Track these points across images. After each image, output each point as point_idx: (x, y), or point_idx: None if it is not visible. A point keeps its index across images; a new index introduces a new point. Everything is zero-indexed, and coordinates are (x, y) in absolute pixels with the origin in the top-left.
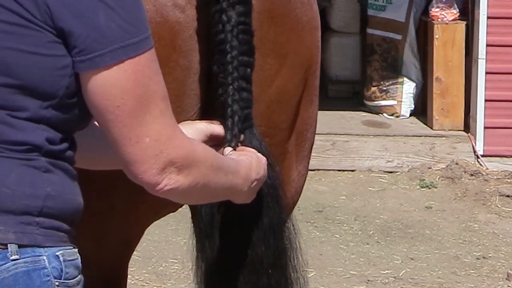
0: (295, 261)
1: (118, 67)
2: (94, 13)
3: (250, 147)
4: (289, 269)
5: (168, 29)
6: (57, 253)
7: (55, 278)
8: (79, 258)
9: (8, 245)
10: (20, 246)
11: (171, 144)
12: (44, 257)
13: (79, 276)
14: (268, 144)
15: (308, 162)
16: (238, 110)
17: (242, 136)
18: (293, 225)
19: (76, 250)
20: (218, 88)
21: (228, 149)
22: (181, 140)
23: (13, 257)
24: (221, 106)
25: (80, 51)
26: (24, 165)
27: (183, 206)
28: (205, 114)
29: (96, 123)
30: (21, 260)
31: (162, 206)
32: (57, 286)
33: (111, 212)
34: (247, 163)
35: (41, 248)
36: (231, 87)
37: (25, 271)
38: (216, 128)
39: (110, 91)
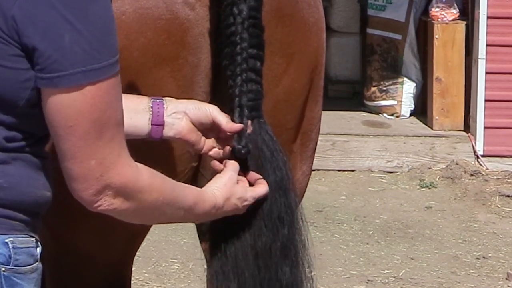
0: (306, 256)
1: (76, 90)
2: (60, 34)
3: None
4: (300, 263)
5: (177, 26)
6: (6, 240)
7: (1, 264)
8: (38, 247)
9: None
10: None
11: (113, 170)
12: None
13: (35, 264)
14: None
15: (312, 162)
16: (245, 102)
17: (250, 123)
18: (302, 220)
19: (32, 239)
20: (228, 80)
21: (214, 163)
22: (124, 167)
23: None
24: (230, 98)
25: (42, 69)
26: None
27: None
28: (222, 108)
29: None
30: None
31: None
32: (4, 271)
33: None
34: (217, 196)
35: None
36: (239, 78)
37: None
38: (221, 118)
39: (65, 111)
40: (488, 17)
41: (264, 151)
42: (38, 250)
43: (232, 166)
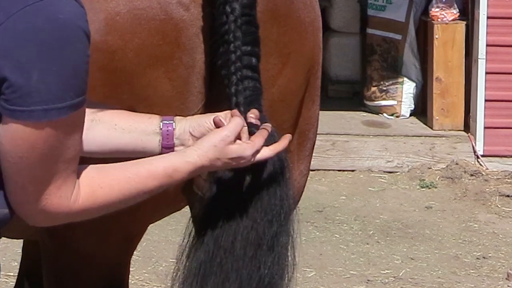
0: (294, 257)
1: (34, 126)
2: (29, 71)
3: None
4: (286, 263)
5: (172, 26)
6: None
7: None
8: None
9: None
10: None
11: (49, 200)
12: None
13: None
14: None
15: (310, 162)
16: (242, 100)
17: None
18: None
19: None
20: (224, 80)
21: (216, 119)
22: (60, 199)
23: None
24: (227, 98)
25: (6, 100)
26: None
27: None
28: (208, 112)
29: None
30: None
31: (166, 205)
32: None
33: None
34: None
35: None
36: (234, 76)
37: None
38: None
39: (19, 143)
40: (488, 17)
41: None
42: None
43: (232, 126)
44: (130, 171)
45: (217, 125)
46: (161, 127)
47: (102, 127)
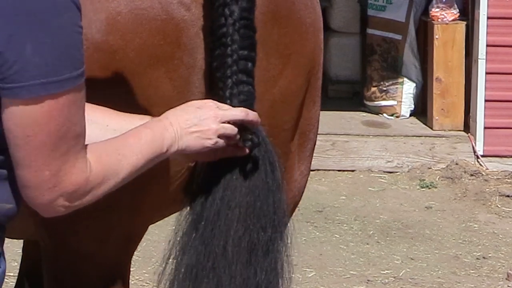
0: (289, 260)
1: (35, 102)
2: (22, 45)
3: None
4: (279, 268)
5: (173, 26)
6: None
7: None
8: None
9: None
10: None
11: (66, 180)
12: None
13: None
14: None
15: (310, 162)
16: (236, 104)
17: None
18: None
19: None
20: (218, 82)
21: None
22: (76, 176)
23: None
24: (221, 100)
25: (3, 79)
26: None
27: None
28: None
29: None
30: None
31: (166, 205)
32: None
33: (115, 209)
34: (163, 121)
35: None
36: (229, 80)
37: None
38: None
39: (23, 121)
40: (488, 17)
41: (259, 151)
42: None
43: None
44: (124, 142)
45: None
46: None
47: (94, 127)
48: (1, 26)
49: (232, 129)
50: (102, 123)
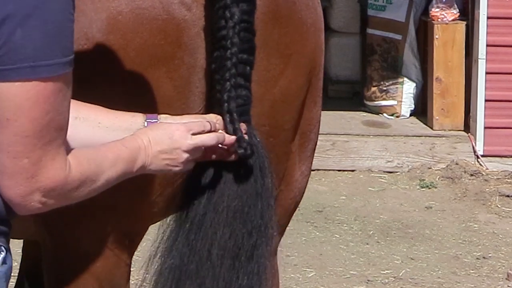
0: (269, 265)
1: (21, 85)
2: (13, 28)
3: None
4: (262, 272)
5: (174, 26)
6: None
7: None
8: (1, 252)
9: None
10: None
11: (45, 173)
12: None
13: None
14: (272, 144)
15: (311, 163)
16: (234, 107)
17: (243, 126)
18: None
19: None
20: (216, 85)
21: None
22: (55, 171)
23: None
24: (218, 103)
25: None
26: None
27: None
28: (210, 112)
29: None
30: None
31: (166, 205)
32: None
33: (115, 210)
34: (140, 141)
35: None
36: (228, 83)
37: None
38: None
39: (4, 103)
40: (488, 17)
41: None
42: (1, 255)
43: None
44: (104, 155)
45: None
46: (146, 125)
47: (86, 125)
48: None
49: (200, 151)
50: (94, 120)
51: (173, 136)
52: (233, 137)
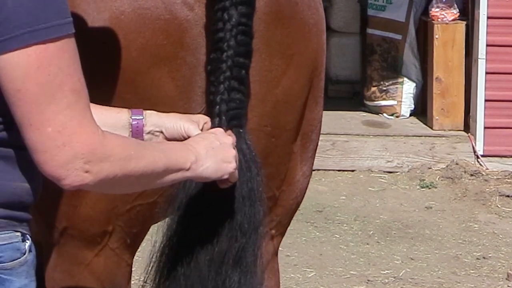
0: (258, 268)
1: (21, 52)
2: None
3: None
4: (250, 274)
5: (176, 26)
6: None
7: None
8: (25, 241)
9: None
10: None
11: (76, 138)
12: None
13: (23, 257)
14: (274, 144)
15: (312, 163)
16: (225, 110)
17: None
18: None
19: (17, 233)
20: (210, 86)
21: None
22: (87, 135)
23: None
24: (210, 104)
25: None
26: None
27: None
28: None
29: None
30: None
31: (167, 207)
32: None
33: (116, 210)
34: (185, 142)
35: None
36: (222, 86)
37: None
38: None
39: (12, 74)
40: (488, 17)
41: (240, 160)
42: (26, 243)
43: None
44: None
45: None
46: (131, 122)
47: None
48: None
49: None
50: None
51: (216, 135)
52: None
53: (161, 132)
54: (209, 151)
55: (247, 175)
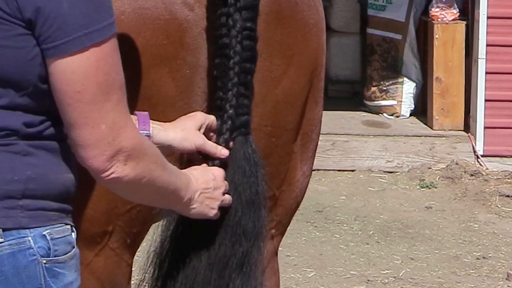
0: (260, 272)
1: (81, 54)
2: (58, 2)
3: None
4: (252, 278)
5: (176, 26)
6: (44, 233)
7: (42, 256)
8: (73, 233)
9: None
10: (4, 230)
11: (124, 133)
12: (30, 238)
13: (73, 250)
14: (274, 144)
15: (313, 163)
16: (234, 116)
17: (231, 144)
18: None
19: (68, 226)
20: (217, 91)
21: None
22: (132, 130)
23: None
24: (217, 109)
25: (46, 39)
26: (3, 151)
27: None
28: (211, 113)
29: None
30: (6, 242)
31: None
32: (45, 264)
33: (116, 210)
34: (189, 174)
35: (27, 230)
36: (230, 92)
37: (10, 253)
38: (209, 148)
39: (71, 77)
40: (488, 17)
41: (244, 165)
42: (74, 235)
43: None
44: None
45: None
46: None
47: None
48: None
49: (230, 201)
50: None
51: (215, 177)
52: (227, 151)
53: (169, 146)
54: (202, 194)
55: (252, 179)
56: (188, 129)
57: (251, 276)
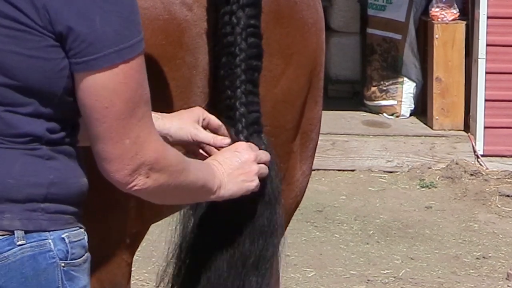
0: (276, 268)
1: (111, 71)
2: (91, 18)
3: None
4: (268, 275)
5: (175, 26)
6: (63, 236)
7: (60, 259)
8: (86, 237)
9: (15, 231)
10: (26, 232)
11: (147, 147)
12: (50, 241)
13: (86, 254)
14: (273, 144)
15: (312, 162)
16: (246, 113)
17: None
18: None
19: (82, 230)
20: (226, 90)
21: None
22: (155, 143)
23: (20, 243)
24: (228, 108)
25: (76, 54)
26: (27, 155)
27: None
28: (212, 112)
29: None
30: (27, 245)
31: (167, 206)
32: (63, 267)
33: (115, 208)
34: (211, 162)
35: (47, 232)
36: (239, 90)
37: (31, 255)
38: (204, 136)
39: (100, 93)
40: (488, 17)
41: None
42: (86, 239)
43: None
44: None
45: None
46: None
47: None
48: (69, 2)
49: (266, 169)
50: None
51: (238, 152)
52: (228, 140)
53: (167, 135)
54: (230, 174)
55: (267, 178)
56: (185, 120)
57: (266, 274)
